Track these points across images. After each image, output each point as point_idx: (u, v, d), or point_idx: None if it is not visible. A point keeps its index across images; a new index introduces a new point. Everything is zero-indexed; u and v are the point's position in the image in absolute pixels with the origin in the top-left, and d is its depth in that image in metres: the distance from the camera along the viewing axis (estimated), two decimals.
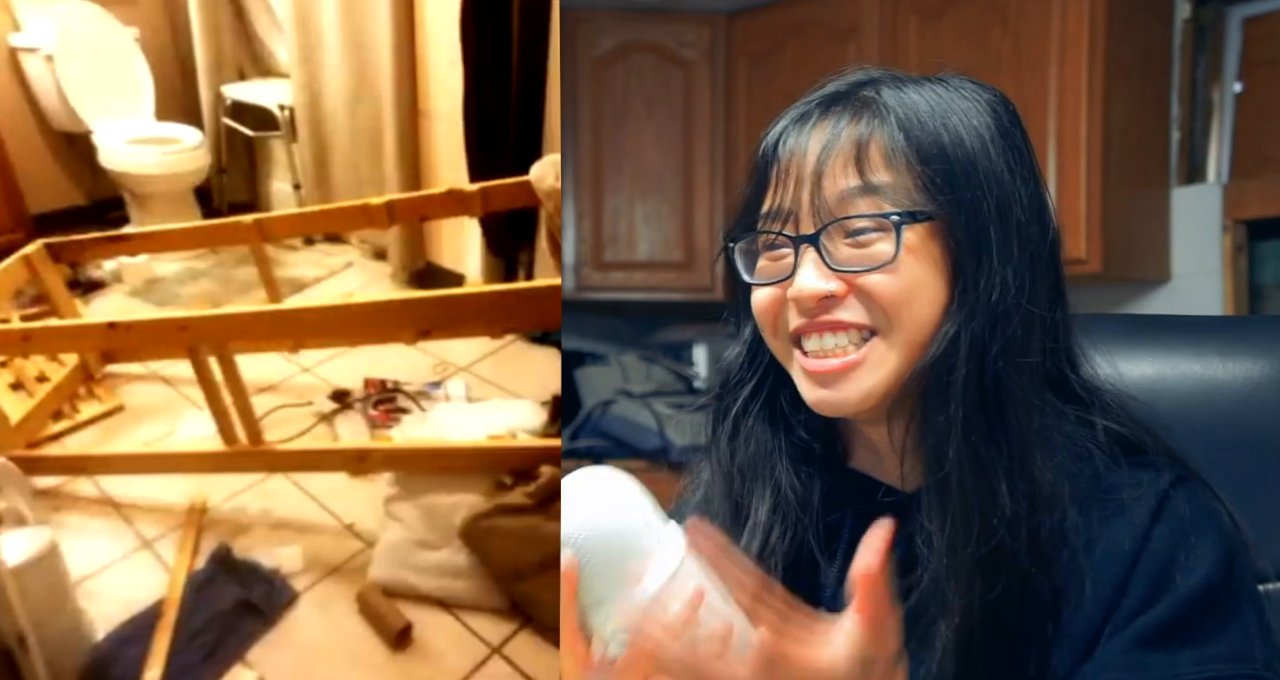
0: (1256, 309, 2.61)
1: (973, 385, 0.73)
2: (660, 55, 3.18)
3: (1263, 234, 2.59)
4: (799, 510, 0.81)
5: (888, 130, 0.75)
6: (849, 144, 0.75)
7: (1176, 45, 2.74)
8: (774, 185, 0.78)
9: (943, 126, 0.75)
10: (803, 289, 0.75)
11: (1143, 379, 0.88)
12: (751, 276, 0.80)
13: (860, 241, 0.75)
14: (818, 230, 0.75)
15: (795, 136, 0.78)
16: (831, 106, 0.78)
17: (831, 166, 0.75)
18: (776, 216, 0.78)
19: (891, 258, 0.74)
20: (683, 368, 3.27)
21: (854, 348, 0.75)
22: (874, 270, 0.74)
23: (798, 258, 0.76)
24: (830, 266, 0.75)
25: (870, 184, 0.74)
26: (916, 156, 0.74)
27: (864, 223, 0.74)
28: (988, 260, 0.74)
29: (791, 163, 0.77)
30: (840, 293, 0.75)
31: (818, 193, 0.75)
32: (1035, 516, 0.73)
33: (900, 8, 2.82)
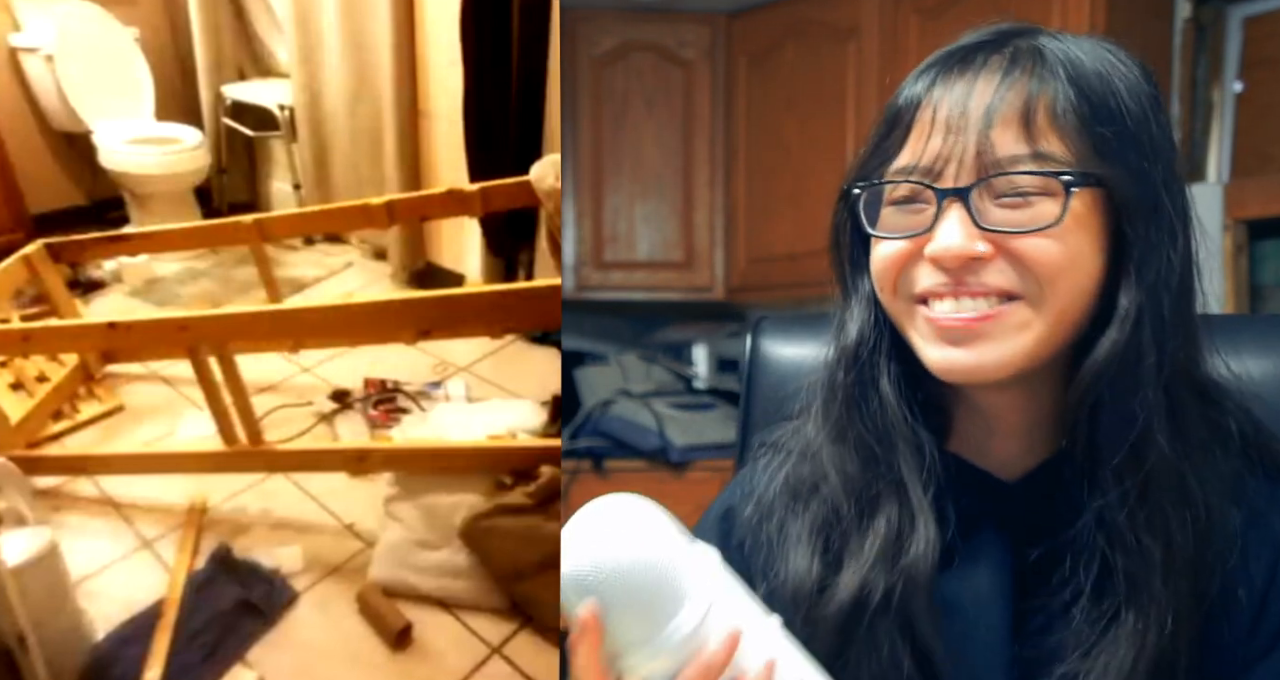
0: (1256, 309, 2.61)
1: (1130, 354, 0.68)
2: (660, 55, 3.18)
3: (1263, 234, 2.59)
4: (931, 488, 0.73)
5: (1057, 85, 0.68)
6: (1015, 96, 0.68)
7: (1176, 45, 2.74)
8: (919, 134, 0.70)
9: (1109, 87, 0.69)
10: (948, 246, 0.68)
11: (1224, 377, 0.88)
12: (874, 228, 0.73)
13: (1014, 203, 0.68)
14: (971, 184, 0.68)
15: (949, 84, 0.70)
16: (990, 55, 0.71)
17: (1000, 120, 0.68)
18: (918, 168, 0.70)
19: (1056, 219, 0.67)
20: (683, 368, 3.27)
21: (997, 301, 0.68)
22: (1033, 232, 0.67)
23: (939, 213, 0.69)
24: (979, 225, 0.68)
25: (1039, 148, 0.67)
26: (1089, 116, 0.68)
27: (1027, 181, 0.67)
28: (1154, 233, 0.69)
29: (943, 111, 0.69)
30: (988, 256, 0.68)
31: (986, 146, 0.67)
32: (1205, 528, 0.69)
33: (900, 8, 2.82)
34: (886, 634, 0.70)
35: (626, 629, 0.60)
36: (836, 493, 0.75)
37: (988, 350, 0.69)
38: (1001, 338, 0.68)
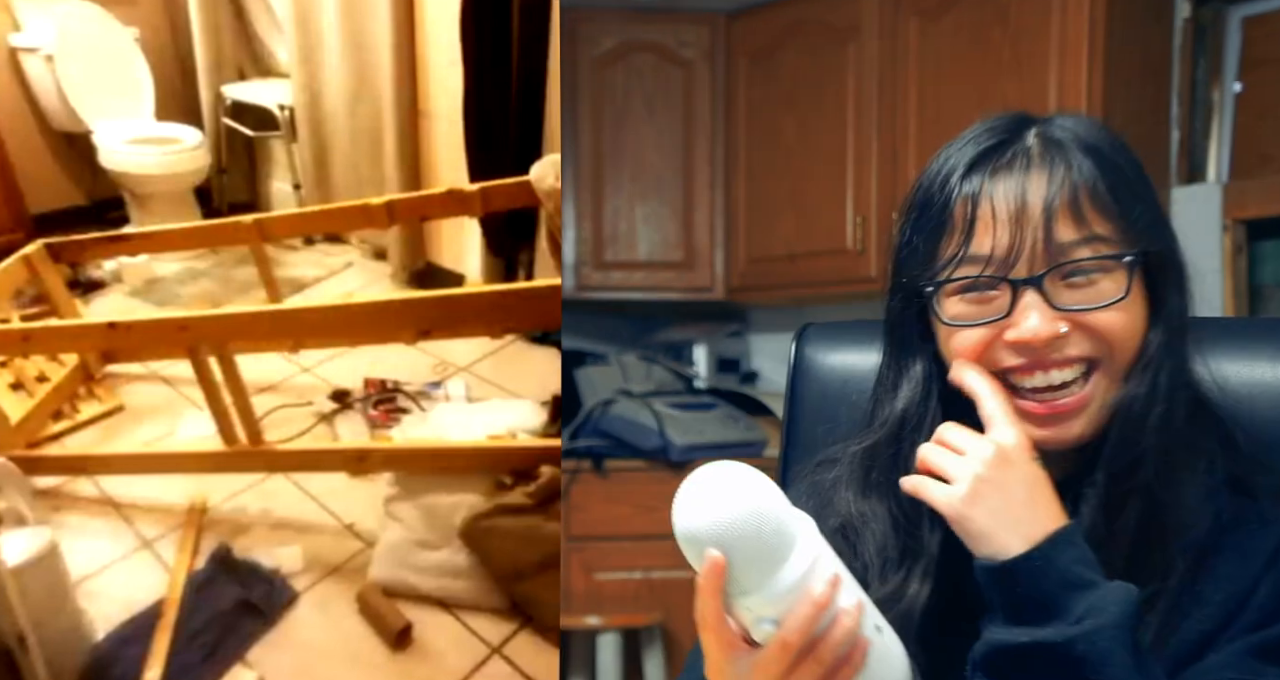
0: (1256, 309, 2.60)
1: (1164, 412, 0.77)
2: (660, 55, 3.18)
3: (1263, 234, 2.59)
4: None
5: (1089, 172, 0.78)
6: (1064, 186, 0.77)
7: (1176, 45, 2.73)
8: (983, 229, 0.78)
9: (1120, 161, 0.80)
10: (1037, 331, 0.76)
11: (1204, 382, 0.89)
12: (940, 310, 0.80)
13: (1079, 283, 0.76)
14: (1044, 271, 0.76)
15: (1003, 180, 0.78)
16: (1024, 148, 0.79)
17: (1056, 211, 0.76)
18: (992, 260, 0.77)
19: (1124, 294, 0.76)
20: (683, 368, 3.27)
21: (1079, 383, 0.77)
22: (1103, 308, 0.76)
23: (1015, 300, 0.77)
24: (1054, 307, 0.76)
25: (1090, 229, 0.76)
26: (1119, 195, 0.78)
27: (1090, 264, 0.76)
28: (1177, 291, 0.80)
29: (1002, 206, 0.77)
30: (1064, 334, 0.76)
31: (1049, 238, 0.76)
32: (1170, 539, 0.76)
33: (900, 8, 2.82)
34: None
35: (744, 575, 0.67)
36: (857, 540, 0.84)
37: (1076, 425, 0.77)
38: (1089, 409, 0.78)
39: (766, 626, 0.67)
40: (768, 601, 0.67)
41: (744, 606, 0.68)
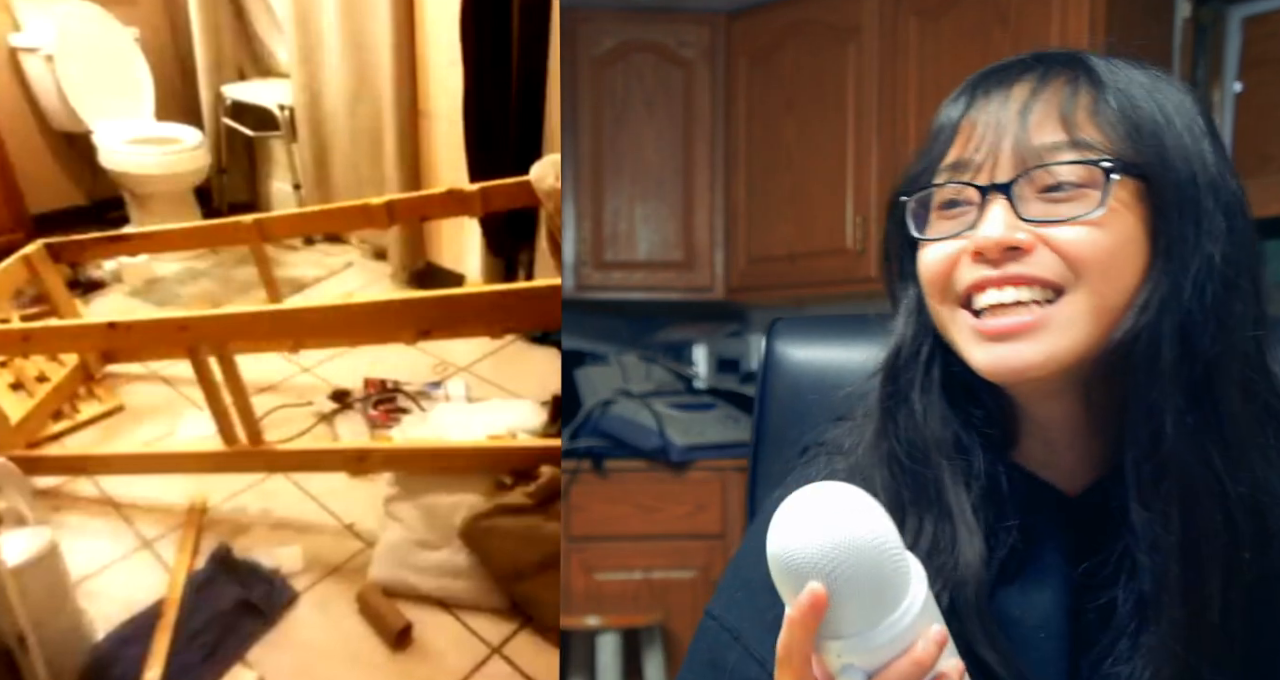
0: None
1: (1185, 362, 0.67)
2: (660, 55, 3.18)
3: (1263, 234, 2.58)
4: (998, 505, 0.73)
5: (1101, 92, 0.70)
6: (1057, 97, 0.70)
7: (1176, 45, 2.74)
8: (960, 142, 0.72)
9: (1152, 98, 0.71)
10: (988, 236, 0.69)
11: None
12: (922, 233, 0.74)
13: (1058, 197, 0.69)
14: (1013, 177, 0.69)
15: (990, 90, 0.73)
16: (1024, 72, 0.73)
17: (1037, 116, 0.70)
18: (963, 167, 0.72)
19: (1097, 206, 0.68)
20: (683, 368, 3.27)
21: (1036, 308, 0.69)
22: (1073, 221, 0.68)
23: (982, 209, 0.70)
24: (1021, 217, 0.69)
25: (1077, 137, 0.69)
26: (1127, 117, 0.70)
27: (1066, 172, 0.68)
28: (1194, 231, 0.69)
29: (987, 112, 0.72)
30: (1028, 245, 0.68)
31: (1022, 138, 0.69)
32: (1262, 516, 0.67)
33: (900, 8, 2.82)
34: None
35: (845, 616, 0.59)
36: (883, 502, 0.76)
37: (1033, 348, 0.69)
38: (1045, 334, 0.69)
39: (855, 676, 0.59)
40: (865, 650, 0.59)
41: (834, 651, 0.60)
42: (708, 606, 0.85)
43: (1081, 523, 0.73)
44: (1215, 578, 0.67)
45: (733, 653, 0.80)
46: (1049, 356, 0.69)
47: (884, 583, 0.59)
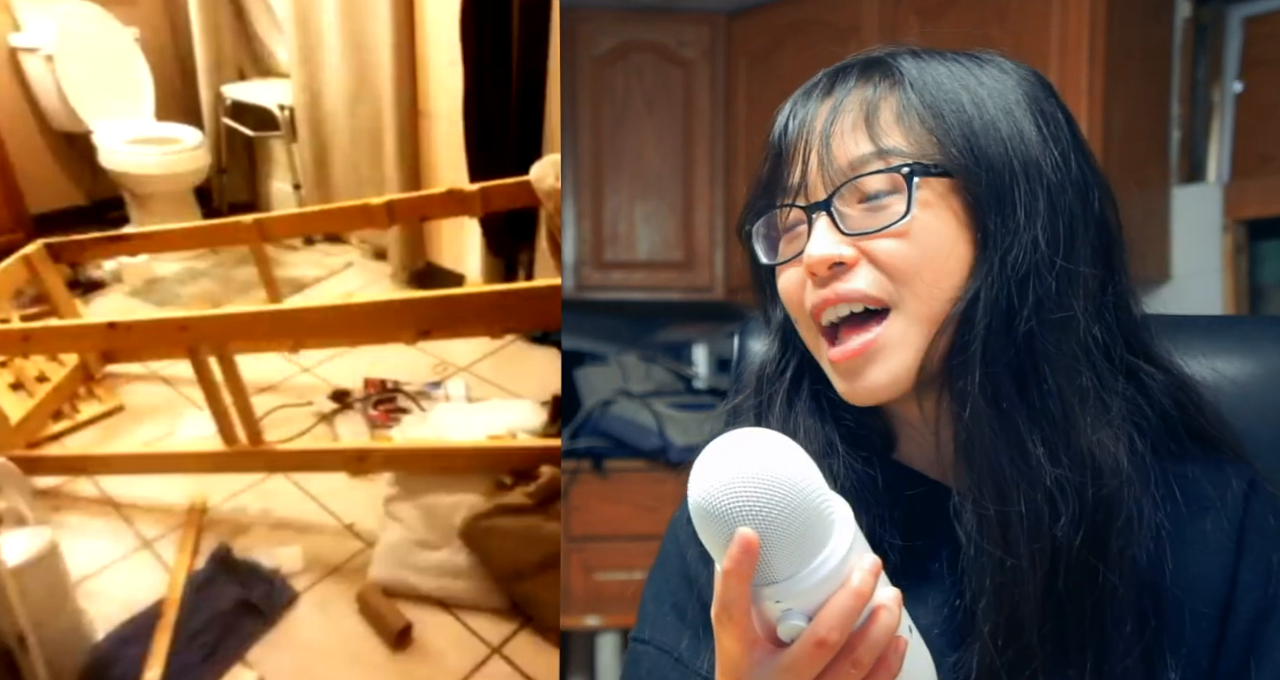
0: (1257, 309, 2.61)
1: (999, 345, 0.68)
2: (660, 55, 3.18)
3: (1263, 234, 2.59)
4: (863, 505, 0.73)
5: (900, 91, 0.71)
6: (857, 105, 0.71)
7: (1176, 45, 2.73)
8: (792, 162, 0.74)
9: (961, 87, 0.71)
10: (811, 254, 0.70)
11: None
12: (774, 259, 0.75)
13: (875, 206, 0.70)
14: (829, 195, 0.70)
15: (803, 107, 0.74)
16: (839, 75, 0.74)
17: (839, 128, 0.71)
18: (789, 190, 0.73)
19: (904, 215, 0.68)
20: (683, 368, 3.27)
21: (875, 324, 0.70)
22: (885, 231, 0.69)
23: (810, 228, 0.71)
24: (843, 231, 0.70)
25: (882, 145, 0.70)
26: (930, 114, 0.70)
27: (877, 182, 0.69)
28: (1013, 218, 0.69)
29: (800, 133, 0.73)
30: (851, 260, 0.70)
31: (827, 157, 0.71)
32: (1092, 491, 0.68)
33: (900, 8, 2.82)
34: None
35: (776, 560, 0.58)
36: None
37: (877, 373, 0.70)
38: (885, 358, 0.70)
39: (796, 621, 0.58)
40: (800, 592, 0.58)
41: (771, 597, 0.58)
42: (634, 633, 0.84)
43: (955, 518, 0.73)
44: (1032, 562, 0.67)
45: (674, 674, 0.79)
46: (894, 377, 0.70)
47: (812, 521, 0.57)
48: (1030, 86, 0.73)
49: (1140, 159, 2.67)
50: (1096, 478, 0.68)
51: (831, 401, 0.76)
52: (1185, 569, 0.70)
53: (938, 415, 0.73)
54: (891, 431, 0.78)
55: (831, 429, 0.75)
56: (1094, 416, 0.69)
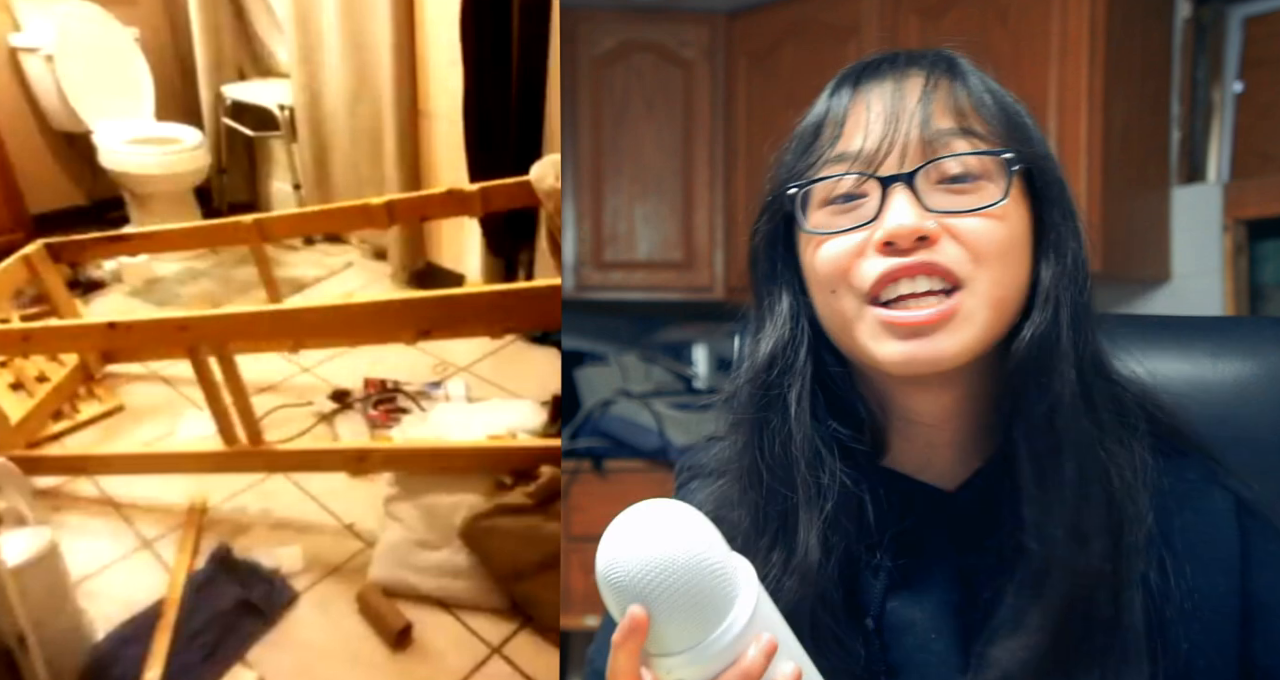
0: (1257, 309, 2.61)
1: (1075, 350, 0.70)
2: (660, 55, 3.18)
3: (1263, 234, 2.59)
4: (853, 517, 0.73)
5: (974, 84, 0.73)
6: (943, 89, 0.72)
7: (1176, 45, 2.74)
8: (852, 129, 0.72)
9: (1008, 95, 0.75)
10: (902, 224, 0.68)
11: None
12: (812, 227, 0.73)
13: (958, 189, 0.70)
14: (917, 167, 0.70)
15: (879, 83, 0.73)
16: (908, 63, 0.74)
17: (933, 106, 0.71)
18: (860, 157, 0.71)
19: (1002, 196, 0.69)
20: (683, 368, 3.27)
21: (945, 298, 0.69)
22: (979, 211, 0.69)
23: (885, 200, 0.69)
24: (927, 208, 0.69)
25: (967, 127, 0.70)
26: (1004, 113, 0.72)
27: (969, 165, 0.69)
28: (1067, 226, 0.72)
29: (877, 104, 0.72)
30: (935, 235, 0.69)
31: (925, 128, 0.70)
32: (1117, 504, 0.69)
33: (900, 8, 2.82)
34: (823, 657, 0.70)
35: (670, 633, 0.59)
36: (744, 516, 0.76)
37: (945, 339, 0.69)
38: (955, 326, 0.69)
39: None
40: (694, 665, 0.59)
41: (664, 668, 0.60)
42: (591, 655, 0.85)
43: (962, 517, 0.73)
44: (1098, 556, 0.68)
45: None
46: (962, 347, 0.69)
47: (706, 598, 0.58)
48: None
49: (1140, 159, 2.67)
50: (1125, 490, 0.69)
51: (832, 406, 0.75)
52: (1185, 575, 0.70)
53: (951, 414, 0.73)
54: (884, 439, 0.77)
55: (828, 434, 0.74)
56: (1115, 422, 0.71)
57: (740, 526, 0.75)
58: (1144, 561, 0.69)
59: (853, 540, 0.73)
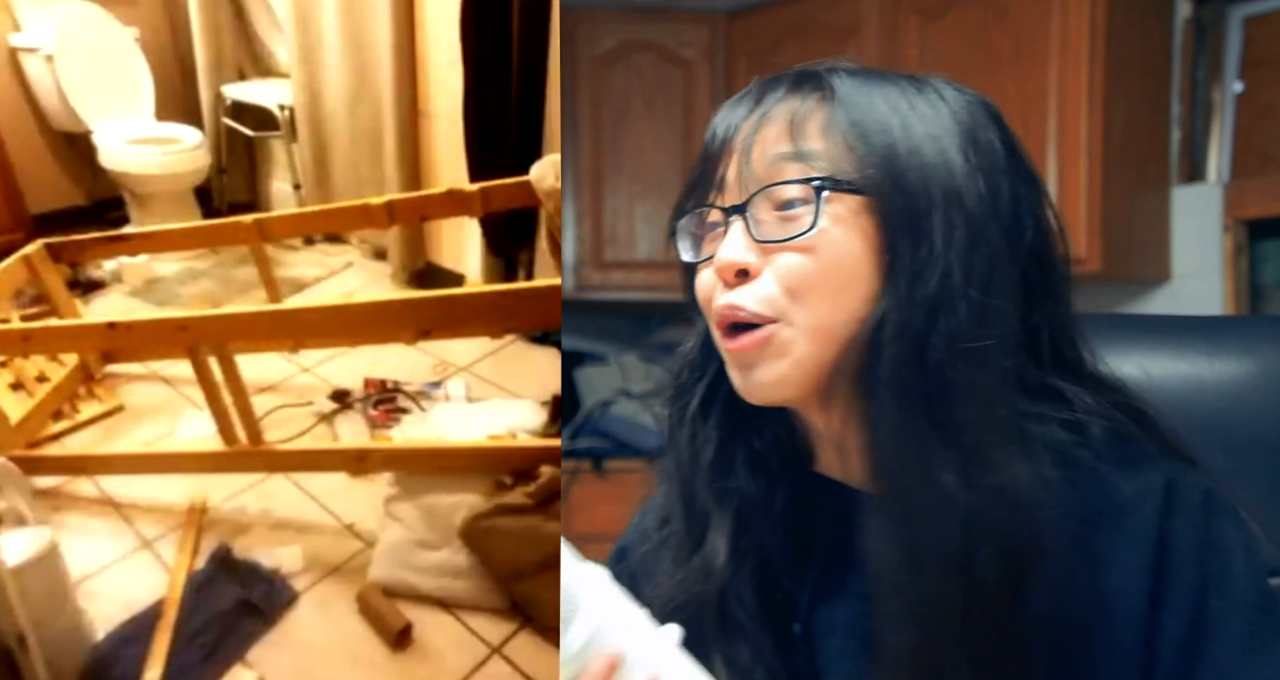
0: (1257, 309, 2.61)
1: (908, 371, 0.68)
2: (660, 55, 3.18)
3: (1263, 234, 2.59)
4: (762, 522, 0.75)
5: (828, 105, 0.71)
6: (784, 113, 0.72)
7: (1176, 45, 2.74)
8: (714, 164, 0.75)
9: (892, 109, 0.71)
10: (721, 258, 0.71)
11: (1128, 379, 0.88)
12: (694, 257, 0.76)
13: (789, 215, 0.70)
14: (745, 199, 0.71)
15: (732, 112, 0.75)
16: (770, 85, 0.75)
17: (764, 134, 0.72)
18: (712, 192, 0.74)
19: (809, 227, 0.69)
20: None
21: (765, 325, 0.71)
22: (790, 241, 0.69)
23: (726, 231, 0.72)
24: (756, 238, 0.71)
25: (801, 150, 0.70)
26: (854, 131, 0.70)
27: (792, 190, 0.70)
28: (928, 245, 0.68)
29: (727, 135, 0.74)
30: (755, 269, 0.70)
31: (746, 161, 0.72)
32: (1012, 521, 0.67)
33: (900, 8, 2.82)
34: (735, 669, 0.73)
35: None
36: (679, 520, 0.80)
37: (762, 372, 0.71)
38: (770, 360, 0.71)
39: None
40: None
41: None
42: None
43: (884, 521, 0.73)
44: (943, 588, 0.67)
45: None
46: (781, 376, 0.71)
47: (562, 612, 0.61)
48: (968, 115, 0.72)
49: (1140, 159, 2.67)
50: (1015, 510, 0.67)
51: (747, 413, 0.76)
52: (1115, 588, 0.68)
53: (844, 427, 0.73)
54: (812, 445, 0.78)
55: (742, 442, 0.77)
56: (1011, 448, 0.68)
57: (677, 530, 0.79)
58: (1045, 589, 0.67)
59: (773, 545, 0.75)
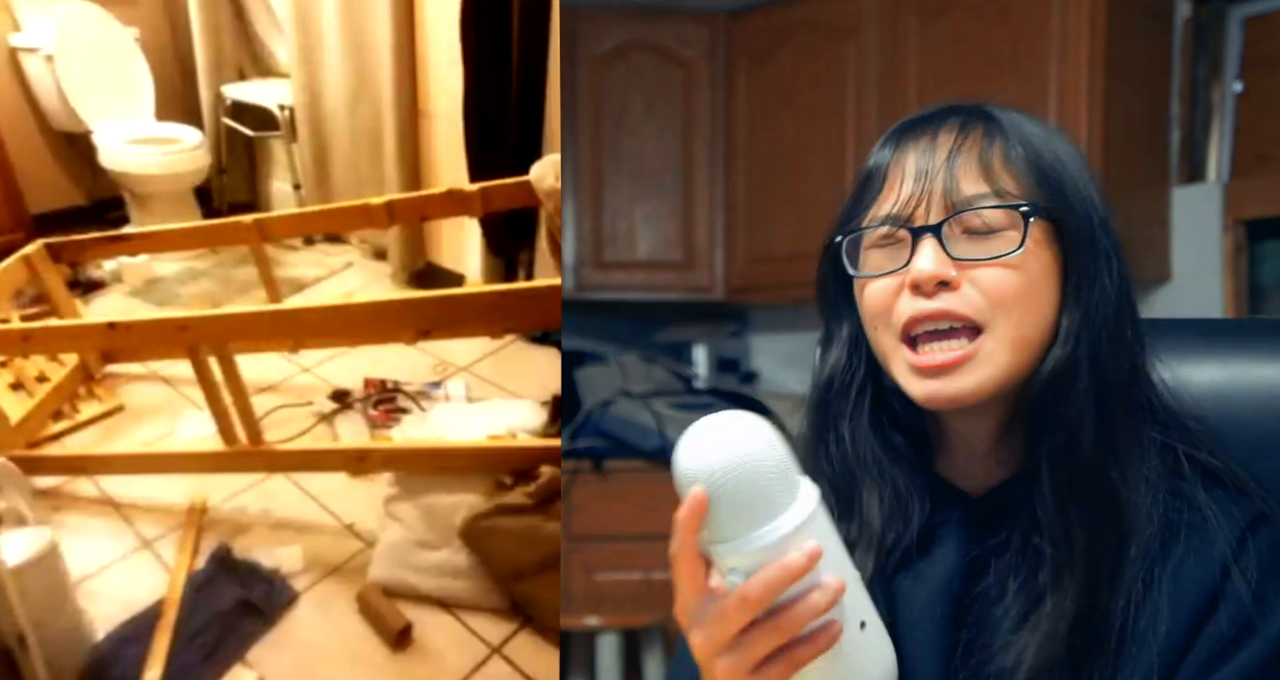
0: (1257, 309, 2.61)
1: (1095, 384, 0.76)
2: (660, 55, 3.18)
3: (1263, 234, 2.59)
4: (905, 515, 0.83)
5: (1007, 140, 0.79)
6: (972, 145, 0.79)
7: (1176, 45, 2.74)
8: (891, 187, 0.81)
9: (1051, 151, 0.80)
10: (922, 270, 0.77)
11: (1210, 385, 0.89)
12: (858, 271, 0.82)
13: (981, 238, 0.77)
14: (942, 219, 0.78)
15: (915, 143, 0.81)
16: (944, 121, 0.81)
17: (958, 164, 0.78)
18: (894, 214, 0.80)
19: (1018, 245, 0.76)
20: (683, 368, 3.27)
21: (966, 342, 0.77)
22: (995, 261, 0.76)
23: (915, 248, 0.78)
24: (950, 255, 0.77)
25: (999, 187, 0.77)
26: (1033, 164, 0.78)
27: (991, 214, 0.77)
28: (1096, 268, 0.78)
29: (910, 165, 0.80)
30: (955, 282, 0.77)
31: (948, 185, 0.78)
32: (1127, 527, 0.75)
33: (900, 8, 2.82)
34: None
35: (725, 522, 0.66)
36: None
37: (962, 379, 0.77)
38: (972, 367, 0.77)
39: (735, 578, 0.66)
40: (741, 554, 0.66)
41: (718, 553, 0.67)
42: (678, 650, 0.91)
43: (978, 519, 0.82)
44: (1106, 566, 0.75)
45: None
46: (978, 386, 0.78)
47: (759, 495, 0.65)
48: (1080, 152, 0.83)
49: (1140, 159, 2.67)
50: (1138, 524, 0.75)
51: (889, 417, 0.85)
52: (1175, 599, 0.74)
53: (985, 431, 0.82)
54: (932, 447, 0.87)
55: (886, 442, 0.85)
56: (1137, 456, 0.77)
57: None
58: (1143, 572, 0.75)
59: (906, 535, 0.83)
